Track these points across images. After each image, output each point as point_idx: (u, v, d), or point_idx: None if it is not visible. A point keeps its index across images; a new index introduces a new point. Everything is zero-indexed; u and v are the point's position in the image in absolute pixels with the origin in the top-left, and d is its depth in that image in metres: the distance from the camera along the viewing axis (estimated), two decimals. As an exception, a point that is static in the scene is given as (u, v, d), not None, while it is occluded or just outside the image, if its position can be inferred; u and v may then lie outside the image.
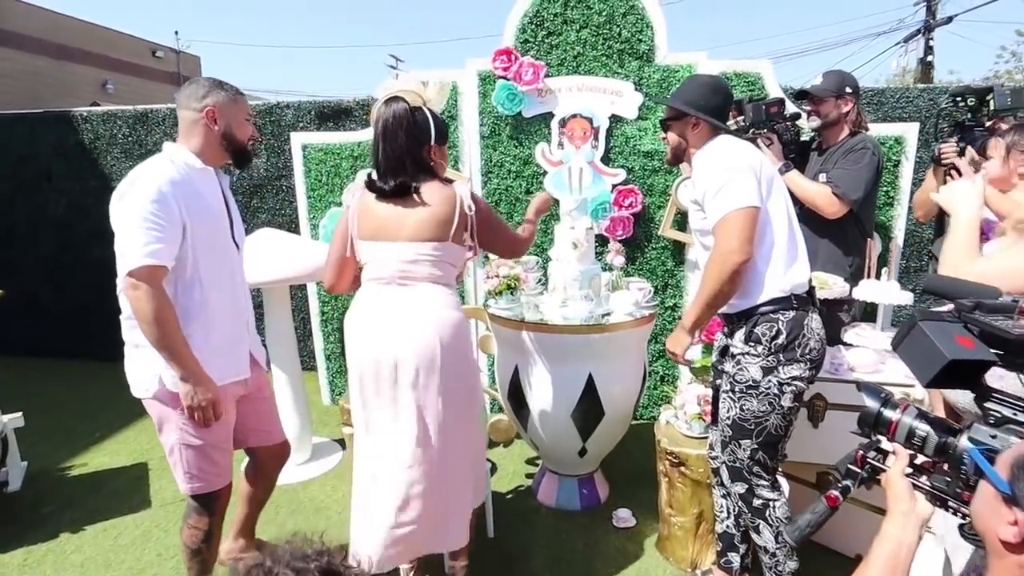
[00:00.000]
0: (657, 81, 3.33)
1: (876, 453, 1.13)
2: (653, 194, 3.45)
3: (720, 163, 1.82)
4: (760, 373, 1.83)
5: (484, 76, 3.42)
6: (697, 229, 1.98)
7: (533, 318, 2.60)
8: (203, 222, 1.81)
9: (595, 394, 2.54)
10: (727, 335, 1.97)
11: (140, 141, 4.66)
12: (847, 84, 2.63)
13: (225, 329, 1.90)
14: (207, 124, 1.85)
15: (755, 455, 1.90)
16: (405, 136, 1.80)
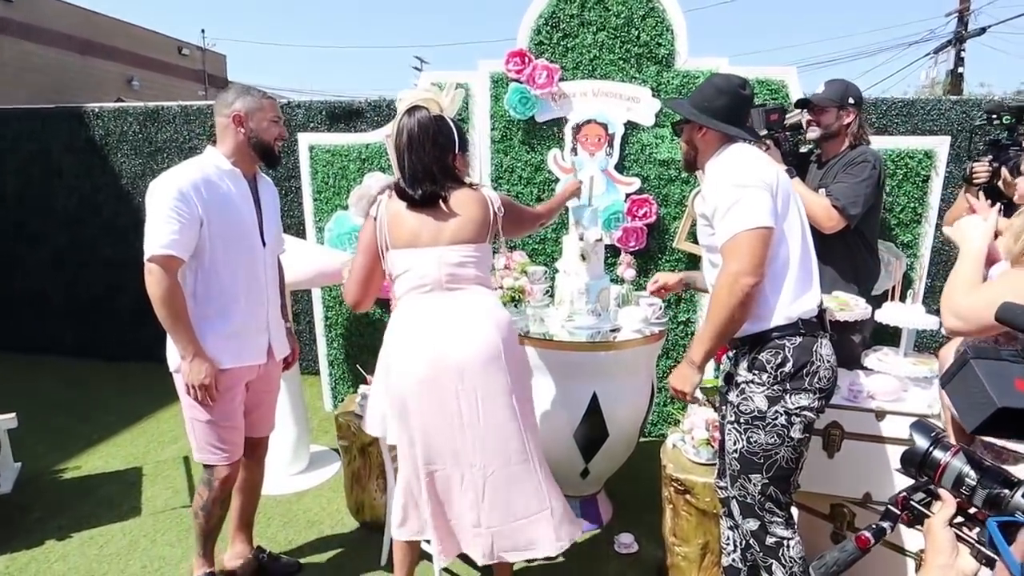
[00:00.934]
0: (676, 87, 3.22)
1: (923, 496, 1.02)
2: (668, 204, 3.34)
3: (731, 178, 1.70)
4: (766, 403, 1.72)
5: (497, 78, 3.35)
6: (705, 244, 1.86)
7: (537, 332, 2.53)
8: (223, 219, 2.00)
9: (599, 414, 2.46)
10: (731, 361, 1.85)
11: (150, 138, 4.63)
12: (850, 94, 2.52)
13: (243, 317, 2.08)
14: (235, 128, 2.05)
15: (766, 490, 1.78)
16: (431, 145, 1.85)
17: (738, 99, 1.81)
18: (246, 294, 2.08)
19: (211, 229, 1.97)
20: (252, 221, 2.10)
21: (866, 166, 2.41)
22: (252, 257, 2.10)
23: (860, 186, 2.37)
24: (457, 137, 1.89)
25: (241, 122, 2.04)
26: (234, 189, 2.05)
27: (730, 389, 1.83)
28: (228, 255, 2.03)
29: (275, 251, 2.24)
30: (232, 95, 2.07)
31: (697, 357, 1.74)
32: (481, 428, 1.83)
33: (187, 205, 1.92)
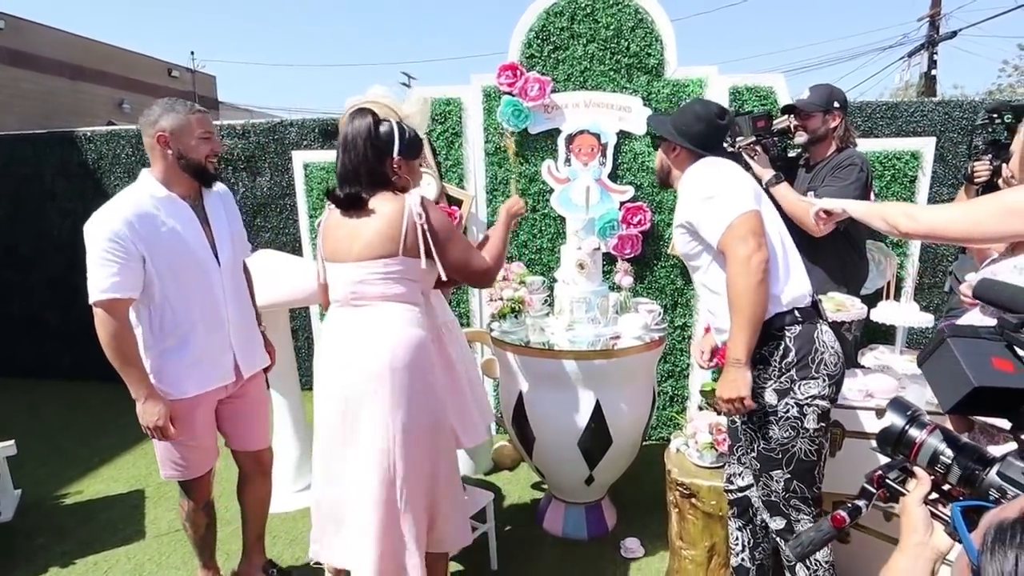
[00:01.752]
0: (667, 96, 3.24)
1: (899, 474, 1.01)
2: (662, 211, 3.36)
3: (705, 182, 1.75)
4: (775, 397, 1.71)
5: (489, 92, 3.37)
6: (684, 253, 1.88)
7: (538, 342, 2.52)
8: (166, 251, 1.90)
9: (603, 421, 2.46)
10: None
11: (143, 160, 4.59)
12: (835, 98, 2.55)
13: (203, 343, 2.00)
14: (161, 149, 1.93)
15: (790, 485, 1.77)
16: (364, 147, 1.78)
17: (713, 127, 1.86)
18: (203, 321, 2.00)
19: (155, 263, 1.88)
20: (200, 244, 1.98)
21: (853, 169, 2.43)
22: (206, 282, 2.00)
23: (848, 189, 2.39)
24: (399, 141, 1.81)
25: (167, 142, 1.92)
26: (173, 217, 1.93)
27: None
28: (179, 285, 1.94)
29: (235, 265, 2.12)
30: (156, 112, 1.94)
31: (741, 354, 1.66)
32: (356, 451, 1.77)
33: (122, 244, 1.83)
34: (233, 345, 2.10)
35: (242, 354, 2.12)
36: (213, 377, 2.05)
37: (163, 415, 1.92)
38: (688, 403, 3.50)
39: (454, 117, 3.44)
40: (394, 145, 1.81)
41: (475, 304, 3.61)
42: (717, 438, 2.31)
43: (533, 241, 3.49)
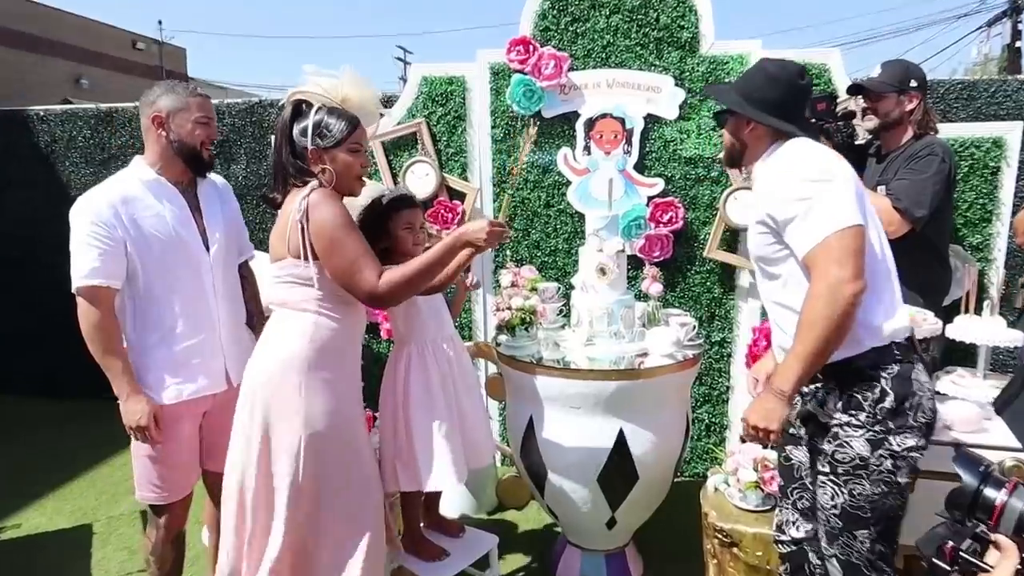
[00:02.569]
0: (702, 75, 3.21)
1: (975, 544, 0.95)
2: (697, 208, 3.32)
3: (799, 172, 1.63)
4: (867, 448, 1.64)
5: (497, 70, 3.35)
6: (760, 256, 1.79)
7: (551, 359, 2.51)
8: (153, 238, 2.02)
9: (627, 454, 2.42)
10: (814, 397, 1.77)
11: (103, 144, 4.61)
12: (911, 77, 2.49)
13: (190, 343, 2.09)
14: (155, 131, 2.07)
15: (875, 546, 1.71)
16: (280, 141, 1.91)
17: (795, 91, 1.76)
18: (191, 316, 2.09)
19: (139, 251, 2.00)
20: (191, 233, 2.11)
21: (933, 160, 2.36)
22: (195, 274, 2.11)
23: (926, 183, 2.33)
24: (315, 129, 1.88)
25: (162, 124, 2.06)
26: (163, 202, 2.07)
27: (816, 434, 1.75)
28: (165, 277, 2.05)
29: (228, 261, 2.23)
30: (155, 92, 2.09)
31: (787, 386, 1.60)
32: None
33: (106, 229, 1.96)
34: (224, 349, 2.16)
35: (233, 360, 2.17)
36: (199, 383, 2.11)
37: (147, 414, 1.99)
38: (728, 433, 3.45)
39: (456, 98, 3.41)
40: (308, 135, 1.90)
41: (478, 314, 3.57)
42: (764, 476, 2.26)
43: (547, 241, 3.45)
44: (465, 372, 2.39)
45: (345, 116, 1.94)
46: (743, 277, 3.31)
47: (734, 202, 3.18)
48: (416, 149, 3.46)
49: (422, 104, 3.44)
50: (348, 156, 1.92)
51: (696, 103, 3.23)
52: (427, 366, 2.28)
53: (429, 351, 2.29)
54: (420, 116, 3.44)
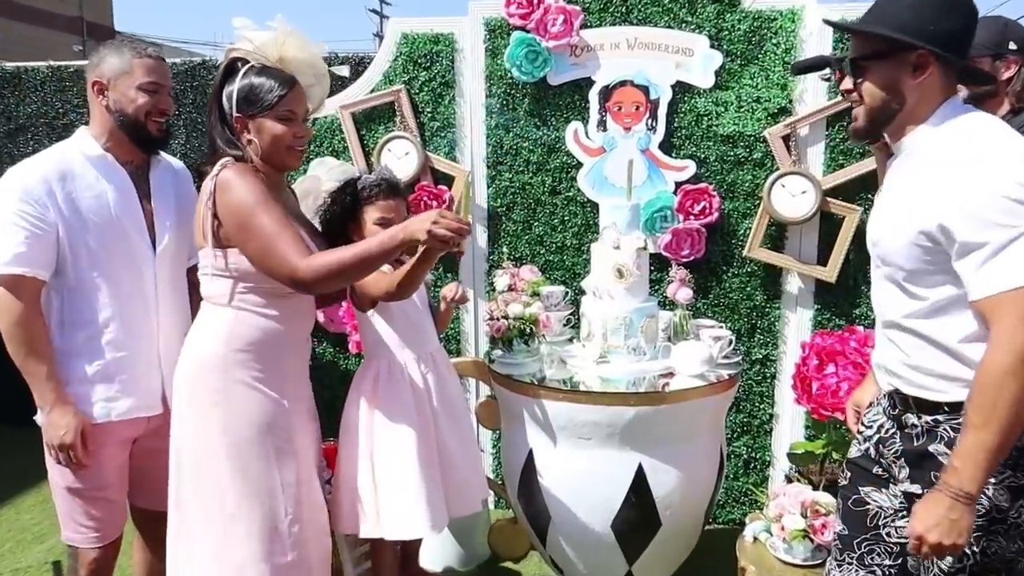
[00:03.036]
0: (744, 34, 3.24)
1: None
2: (735, 196, 3.35)
3: (1010, 182, 1.48)
4: (1007, 498, 1.64)
5: (494, 26, 3.38)
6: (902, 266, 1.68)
7: (556, 379, 2.55)
8: (90, 222, 2.08)
9: (647, 495, 2.46)
10: (928, 434, 1.72)
11: (9, 112, 4.61)
12: (1010, 37, 2.51)
13: (123, 353, 2.13)
14: (97, 98, 2.13)
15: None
16: (211, 107, 2.05)
17: (974, 25, 1.65)
18: (125, 321, 2.14)
19: (72, 237, 2.06)
20: (134, 223, 2.16)
21: None
22: (135, 272, 2.16)
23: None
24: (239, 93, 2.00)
25: (103, 90, 2.12)
26: (106, 182, 2.13)
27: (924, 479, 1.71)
28: (99, 270, 2.10)
29: (176, 260, 2.28)
30: (101, 53, 2.15)
31: (974, 487, 1.53)
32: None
33: (37, 208, 2.01)
34: (163, 364, 2.18)
35: (171, 377, 2.15)
36: (131, 402, 2.14)
37: (74, 429, 2.02)
38: (771, 471, 3.47)
39: (444, 61, 3.44)
40: (233, 99, 2.01)
41: (468, 323, 3.60)
42: (814, 523, 2.30)
43: (552, 236, 3.48)
44: (449, 396, 2.42)
45: (278, 77, 2.02)
46: (791, 281, 3.34)
47: (781, 190, 3.20)
48: (394, 122, 3.48)
49: (401, 67, 3.47)
50: (278, 125, 2.00)
51: (736, 69, 3.26)
52: (399, 387, 2.30)
53: (403, 369, 2.31)
54: (399, 82, 3.46)
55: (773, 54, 3.22)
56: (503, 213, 3.50)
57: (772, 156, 3.26)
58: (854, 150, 3.17)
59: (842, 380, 2.64)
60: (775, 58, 3.22)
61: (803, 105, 3.22)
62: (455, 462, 2.36)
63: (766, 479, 3.48)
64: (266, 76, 2.01)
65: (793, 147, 3.20)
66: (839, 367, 2.68)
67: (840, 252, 3.19)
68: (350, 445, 2.31)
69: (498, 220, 3.51)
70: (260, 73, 2.01)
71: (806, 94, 3.22)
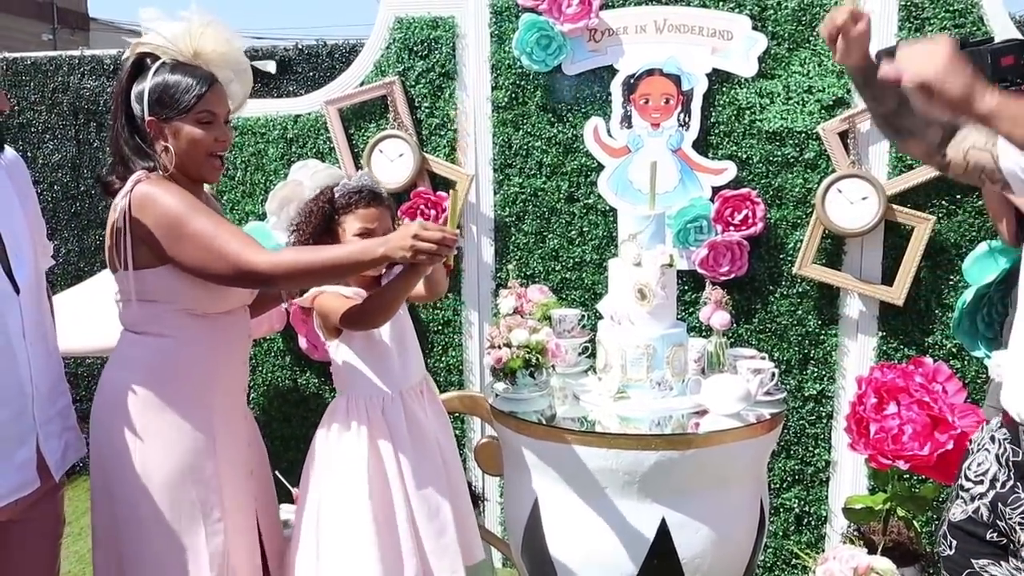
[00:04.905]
0: (792, 13, 3.25)
1: None
2: (784, 203, 3.34)
3: None
4: None
5: (501, 8, 3.42)
6: None
7: (568, 417, 2.57)
8: None
9: (671, 556, 2.45)
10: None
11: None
12: None
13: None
14: None
15: None
16: (116, 109, 2.10)
17: None
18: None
19: None
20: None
21: None
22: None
23: None
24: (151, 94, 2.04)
25: None
26: None
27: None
28: None
29: (39, 287, 2.12)
30: None
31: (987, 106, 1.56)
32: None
33: None
34: (39, 427, 2.03)
35: (52, 440, 2.07)
36: (6, 486, 1.96)
37: None
38: (827, 528, 3.43)
39: (444, 49, 3.47)
40: (144, 100, 2.05)
41: (472, 351, 3.61)
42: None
43: (569, 250, 3.49)
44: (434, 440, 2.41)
45: (195, 74, 2.06)
46: (850, 304, 3.32)
47: (837, 195, 3.19)
48: (387, 120, 3.53)
49: (395, 56, 3.51)
50: (196, 129, 2.05)
51: (784, 54, 3.26)
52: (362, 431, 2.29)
53: (372, 409, 2.30)
54: (392, 74, 3.50)
55: (827, 37, 3.21)
56: (512, 224, 3.52)
57: (827, 156, 3.24)
58: (924, 149, 3.14)
59: (905, 422, 2.62)
60: (829, 41, 3.21)
61: (863, 96, 3.21)
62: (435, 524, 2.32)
63: (822, 538, 3.44)
64: (181, 73, 2.05)
65: (852, 145, 3.19)
66: (902, 406, 2.66)
67: (909, 269, 3.16)
68: (302, 494, 2.36)
69: (506, 232, 3.54)
70: (174, 70, 2.05)
71: (867, 83, 3.20)
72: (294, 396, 3.81)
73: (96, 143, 4.58)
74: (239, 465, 2.21)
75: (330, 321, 2.24)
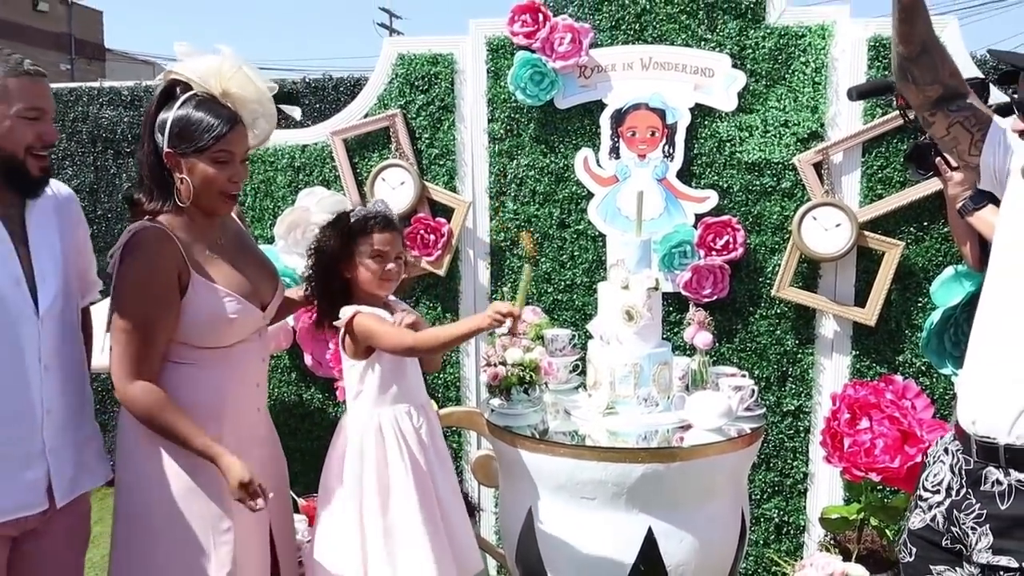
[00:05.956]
0: (769, 52, 3.28)
1: None
2: (762, 230, 3.36)
3: None
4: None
5: (496, 46, 3.44)
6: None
7: (561, 431, 2.57)
8: None
9: (658, 563, 2.45)
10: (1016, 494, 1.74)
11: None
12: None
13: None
14: None
15: None
16: (144, 136, 2.09)
17: None
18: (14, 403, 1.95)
19: None
20: (9, 279, 1.95)
21: None
22: (10, 339, 1.95)
23: None
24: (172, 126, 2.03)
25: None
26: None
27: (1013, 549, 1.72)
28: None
29: (66, 316, 2.11)
30: None
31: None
32: None
33: None
34: (48, 451, 2.01)
35: (65, 463, 2.06)
36: (5, 503, 1.94)
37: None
38: (806, 537, 3.44)
39: (443, 83, 3.50)
40: (165, 131, 2.04)
41: (468, 369, 3.62)
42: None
43: (561, 273, 3.50)
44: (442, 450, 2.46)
45: (219, 114, 2.04)
46: (825, 324, 3.33)
47: (813, 223, 3.20)
48: (389, 150, 3.54)
49: (397, 90, 3.54)
50: (211, 168, 2.04)
51: (761, 90, 3.28)
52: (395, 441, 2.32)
53: (398, 421, 2.34)
54: (395, 106, 3.52)
55: (802, 74, 3.25)
56: (507, 248, 3.54)
57: (802, 186, 3.27)
58: (894, 179, 3.16)
59: (877, 436, 2.63)
60: (804, 78, 3.24)
61: (836, 129, 3.23)
62: (453, 519, 2.39)
63: (800, 546, 3.43)
64: (205, 111, 2.03)
65: (826, 175, 3.21)
66: (874, 421, 2.67)
67: (880, 292, 3.18)
68: (333, 503, 2.35)
69: (501, 255, 3.55)
70: (199, 106, 2.04)
71: (839, 117, 3.23)
72: (299, 410, 3.80)
73: (113, 170, 4.58)
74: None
75: (373, 341, 2.26)
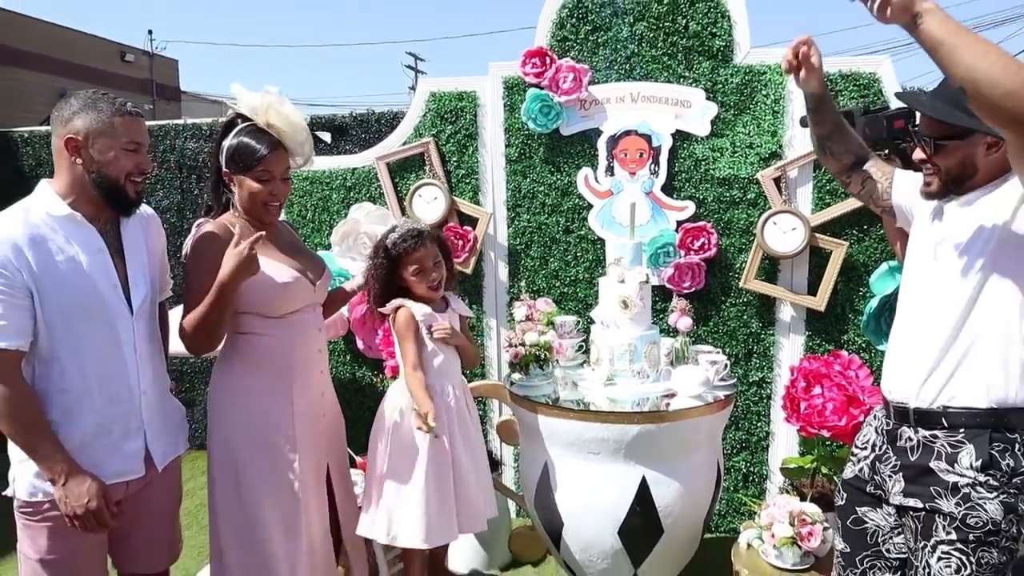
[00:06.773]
0: (736, 87, 3.30)
1: None
2: (732, 233, 3.39)
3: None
4: (1000, 512, 1.66)
5: (511, 84, 3.47)
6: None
7: (569, 399, 2.59)
8: (61, 288, 1.85)
9: (651, 505, 2.48)
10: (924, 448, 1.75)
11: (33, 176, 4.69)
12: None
13: (99, 419, 1.92)
14: (68, 156, 1.87)
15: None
16: (214, 155, 2.18)
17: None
18: (103, 387, 1.92)
19: (45, 304, 1.82)
20: (109, 285, 1.93)
21: None
22: (110, 334, 1.93)
23: None
24: (228, 150, 2.12)
25: (78, 149, 1.85)
26: (75, 243, 1.88)
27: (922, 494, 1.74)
28: (73, 336, 1.87)
29: (152, 312, 2.10)
30: (71, 107, 1.87)
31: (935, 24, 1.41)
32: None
33: (7, 275, 1.77)
34: (145, 425, 2.01)
35: (157, 436, 2.05)
36: (110, 468, 1.93)
37: (95, 495, 1.84)
38: (768, 484, 3.48)
39: (467, 115, 3.55)
40: (223, 155, 2.13)
41: (492, 350, 3.67)
42: (801, 531, 2.31)
43: (566, 271, 3.55)
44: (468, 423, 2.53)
45: (263, 140, 2.09)
46: (784, 310, 3.37)
47: (773, 227, 3.23)
48: (424, 171, 3.59)
49: (430, 122, 3.59)
50: (255, 184, 2.11)
51: (730, 118, 3.31)
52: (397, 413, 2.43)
53: (439, 393, 2.41)
54: (428, 135, 3.57)
55: (764, 104, 3.28)
56: (522, 250, 3.58)
57: (764, 196, 3.30)
58: (839, 190, 3.19)
59: (827, 400, 2.66)
60: (765, 107, 3.28)
61: (792, 150, 3.26)
62: (467, 475, 2.45)
63: (763, 491, 3.47)
64: (253, 138, 2.10)
65: (783, 188, 3.24)
66: (825, 388, 2.71)
67: (828, 283, 3.21)
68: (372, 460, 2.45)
69: (517, 257, 3.59)
70: (250, 134, 2.11)
71: (795, 140, 3.25)
72: (352, 385, 3.86)
73: (196, 191, 4.63)
74: (314, 423, 2.29)
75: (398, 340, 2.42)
